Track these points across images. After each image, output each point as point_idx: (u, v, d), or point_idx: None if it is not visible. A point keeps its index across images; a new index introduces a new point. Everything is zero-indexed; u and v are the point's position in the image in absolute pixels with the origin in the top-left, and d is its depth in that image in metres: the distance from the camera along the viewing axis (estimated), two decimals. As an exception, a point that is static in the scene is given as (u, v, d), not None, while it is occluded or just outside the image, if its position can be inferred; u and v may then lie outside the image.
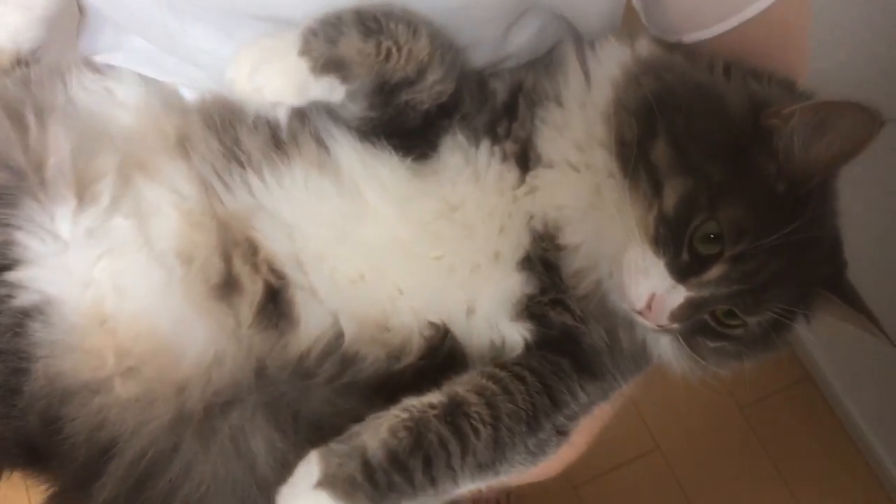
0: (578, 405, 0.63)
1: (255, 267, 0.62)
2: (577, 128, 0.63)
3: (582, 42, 0.67)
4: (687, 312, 0.58)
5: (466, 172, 0.63)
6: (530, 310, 0.63)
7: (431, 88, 0.62)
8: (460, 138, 0.63)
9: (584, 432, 0.69)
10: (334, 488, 0.53)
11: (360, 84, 0.61)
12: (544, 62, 0.69)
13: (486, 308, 0.63)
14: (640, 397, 2.10)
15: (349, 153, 0.63)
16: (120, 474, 0.59)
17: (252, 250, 0.62)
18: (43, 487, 0.64)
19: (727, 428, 1.90)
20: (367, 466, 0.54)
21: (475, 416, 0.57)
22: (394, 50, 0.60)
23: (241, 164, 0.63)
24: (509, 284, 0.63)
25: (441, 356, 0.62)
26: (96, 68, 0.71)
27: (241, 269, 0.62)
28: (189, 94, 0.71)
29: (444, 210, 0.63)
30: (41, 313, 0.60)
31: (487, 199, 0.63)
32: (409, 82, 0.61)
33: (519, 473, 0.63)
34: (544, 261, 0.63)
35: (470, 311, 0.63)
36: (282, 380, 0.61)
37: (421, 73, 0.61)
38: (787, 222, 0.55)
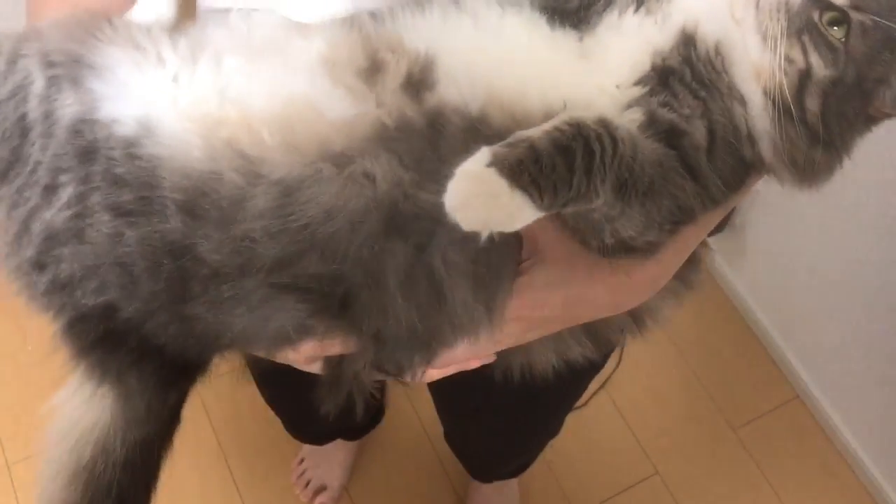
0: (679, 203, 0.66)
1: (399, 56, 0.67)
2: None
3: None
4: (805, 5, 0.63)
5: (611, 32, 0.68)
6: (642, 106, 0.66)
7: None
8: (612, 14, 0.68)
9: (674, 252, 0.72)
10: (502, 167, 0.56)
11: None
12: None
13: (602, 108, 0.66)
14: (639, 426, 2.13)
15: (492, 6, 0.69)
16: (269, 190, 0.64)
17: (397, 50, 0.67)
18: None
19: (722, 449, 1.95)
20: (533, 150, 0.56)
21: (618, 133, 0.61)
22: None
23: None
24: (629, 93, 0.67)
25: None
26: None
27: (386, 56, 0.66)
28: None
29: (584, 54, 0.68)
30: (146, 134, 0.65)
31: (627, 44, 0.68)
32: None
33: (631, 236, 0.66)
34: (668, 69, 0.67)
35: (587, 108, 0.66)
36: (417, 127, 0.65)
37: None
38: None
